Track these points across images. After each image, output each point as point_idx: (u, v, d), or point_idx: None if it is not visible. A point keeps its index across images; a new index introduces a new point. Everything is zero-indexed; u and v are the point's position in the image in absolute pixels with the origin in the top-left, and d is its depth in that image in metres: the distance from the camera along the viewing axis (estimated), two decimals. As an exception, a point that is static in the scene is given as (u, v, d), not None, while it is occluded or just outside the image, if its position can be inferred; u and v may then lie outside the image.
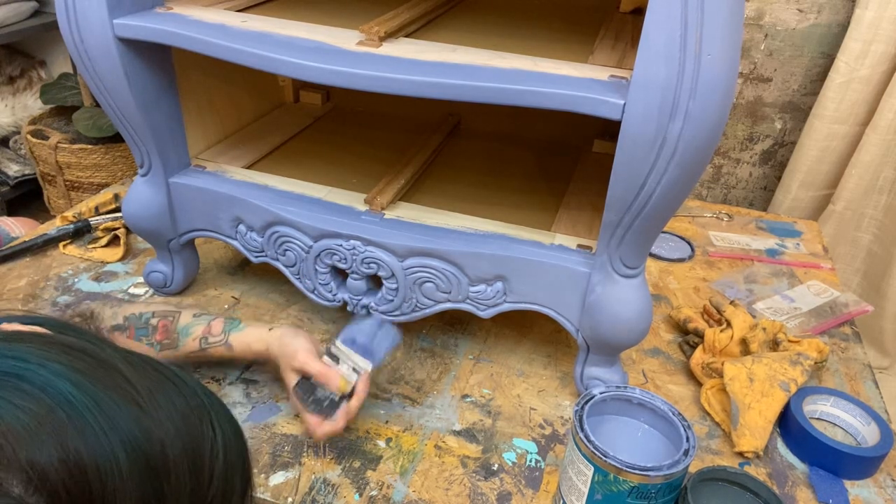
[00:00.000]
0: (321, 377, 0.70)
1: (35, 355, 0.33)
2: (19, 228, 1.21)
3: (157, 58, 0.78)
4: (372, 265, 0.79)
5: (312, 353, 0.72)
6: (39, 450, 0.29)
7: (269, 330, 0.76)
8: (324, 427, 0.70)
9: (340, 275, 0.83)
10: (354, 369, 0.71)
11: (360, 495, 0.69)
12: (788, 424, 0.78)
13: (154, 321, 0.76)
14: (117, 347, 0.37)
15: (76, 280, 0.99)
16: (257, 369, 0.84)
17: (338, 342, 0.73)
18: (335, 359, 0.72)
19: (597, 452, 0.59)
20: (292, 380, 0.72)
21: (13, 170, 2.10)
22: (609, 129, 0.98)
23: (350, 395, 0.71)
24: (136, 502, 0.31)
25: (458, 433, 0.77)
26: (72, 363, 0.33)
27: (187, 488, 0.34)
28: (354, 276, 0.81)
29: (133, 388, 0.34)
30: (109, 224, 1.08)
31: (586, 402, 0.65)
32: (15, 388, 0.30)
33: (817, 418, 0.81)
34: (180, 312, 0.78)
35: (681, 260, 1.12)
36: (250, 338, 0.76)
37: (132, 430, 0.32)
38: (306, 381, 0.72)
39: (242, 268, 1.04)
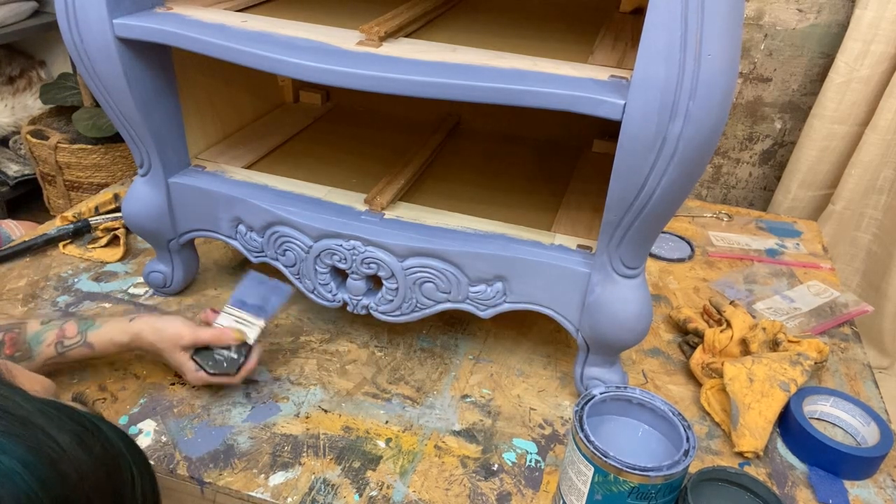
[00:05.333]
0: (216, 339, 0.76)
1: None
2: (20, 230, 1.21)
3: (157, 58, 0.78)
4: (372, 265, 0.79)
5: (194, 326, 0.76)
6: None
7: (130, 321, 0.76)
8: (237, 378, 0.76)
9: (340, 275, 0.83)
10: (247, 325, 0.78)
11: (360, 495, 0.69)
12: (788, 424, 0.78)
13: None
14: (30, 398, 0.37)
15: (76, 280, 0.99)
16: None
17: (228, 307, 0.79)
18: (228, 320, 0.79)
19: (597, 453, 0.59)
20: (185, 358, 0.76)
21: (13, 170, 2.10)
22: (609, 129, 0.98)
23: (247, 346, 0.77)
24: None
25: (457, 433, 0.77)
26: None
27: None
28: (354, 276, 0.81)
29: (55, 442, 0.35)
30: (109, 224, 1.08)
31: (586, 403, 0.65)
32: None
33: (817, 418, 0.81)
34: (26, 323, 0.75)
35: (681, 260, 1.12)
36: (112, 332, 0.75)
37: (59, 489, 0.33)
38: (200, 351, 0.76)
39: (242, 268, 1.04)
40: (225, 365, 0.76)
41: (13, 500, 0.31)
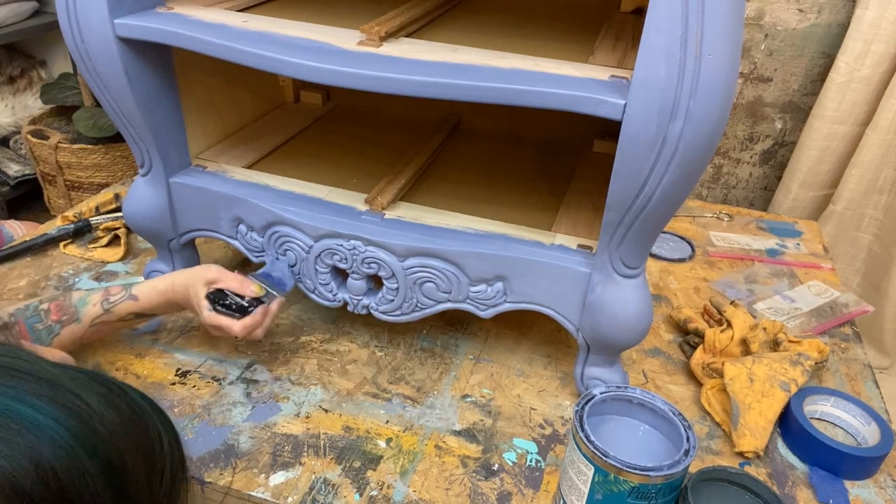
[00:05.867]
0: (237, 284, 0.78)
1: None
2: (22, 230, 1.21)
3: (158, 57, 0.78)
4: (372, 265, 0.79)
5: (223, 269, 0.80)
6: (18, 472, 0.31)
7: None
8: (241, 323, 0.76)
9: (341, 275, 0.83)
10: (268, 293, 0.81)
11: (361, 495, 0.69)
12: (789, 425, 0.78)
13: (44, 305, 0.75)
14: (54, 363, 0.39)
15: (77, 280, 0.99)
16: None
17: (253, 275, 0.82)
18: None
19: (597, 452, 0.59)
20: (203, 292, 0.78)
21: (13, 170, 2.10)
22: (609, 129, 0.98)
23: (259, 302, 0.79)
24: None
25: (458, 433, 0.77)
26: (24, 387, 0.35)
27: (146, 489, 0.37)
28: (355, 276, 0.81)
29: (84, 402, 0.36)
30: (110, 224, 1.08)
31: (587, 403, 0.65)
32: None
33: (818, 418, 0.81)
34: (71, 292, 0.78)
35: (681, 260, 1.12)
36: (153, 282, 0.79)
37: (92, 443, 0.34)
38: (216, 292, 0.78)
39: (243, 267, 1.03)
40: (233, 307, 0.78)
41: (51, 451, 0.32)
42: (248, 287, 0.79)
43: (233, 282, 0.78)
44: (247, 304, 0.78)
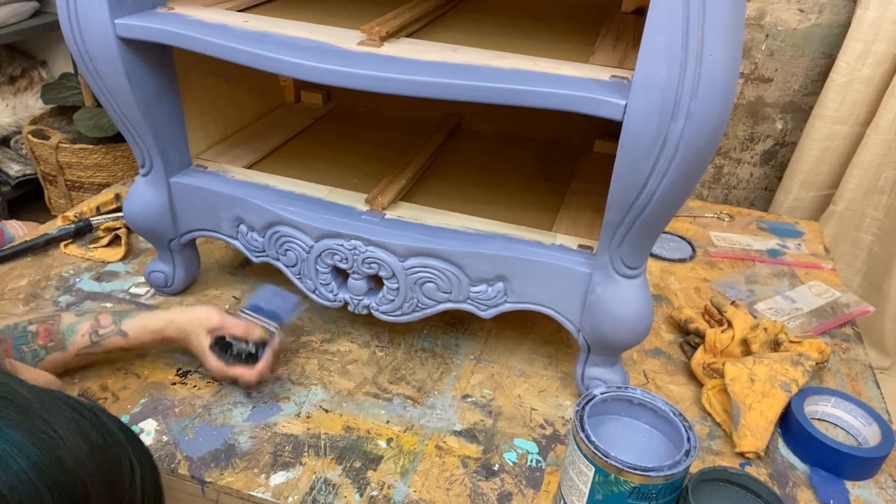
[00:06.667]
0: (242, 331, 0.77)
1: None
2: (23, 230, 1.21)
3: (159, 58, 0.78)
4: (373, 265, 0.79)
5: (223, 312, 0.78)
6: None
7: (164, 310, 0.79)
8: (256, 369, 0.77)
9: (341, 275, 0.83)
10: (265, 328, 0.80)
11: (361, 495, 0.69)
12: (789, 425, 0.78)
13: (33, 328, 0.74)
14: (29, 387, 0.37)
15: (77, 280, 0.99)
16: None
17: (244, 311, 0.81)
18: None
19: (598, 453, 0.59)
20: (206, 342, 0.77)
21: (14, 170, 2.10)
22: (610, 129, 0.98)
23: (264, 345, 0.79)
24: None
25: (458, 433, 0.77)
26: None
27: None
28: (355, 276, 0.81)
29: (52, 429, 0.35)
30: (110, 224, 1.08)
31: (587, 403, 0.65)
32: None
33: (818, 419, 0.81)
34: (61, 315, 0.76)
35: (682, 260, 1.12)
36: (145, 319, 0.77)
37: (54, 474, 0.33)
38: (218, 341, 0.78)
39: (243, 267, 1.04)
40: (243, 357, 0.78)
41: (5, 482, 0.31)
42: (252, 332, 0.78)
43: (236, 329, 0.77)
44: (254, 351, 0.78)
